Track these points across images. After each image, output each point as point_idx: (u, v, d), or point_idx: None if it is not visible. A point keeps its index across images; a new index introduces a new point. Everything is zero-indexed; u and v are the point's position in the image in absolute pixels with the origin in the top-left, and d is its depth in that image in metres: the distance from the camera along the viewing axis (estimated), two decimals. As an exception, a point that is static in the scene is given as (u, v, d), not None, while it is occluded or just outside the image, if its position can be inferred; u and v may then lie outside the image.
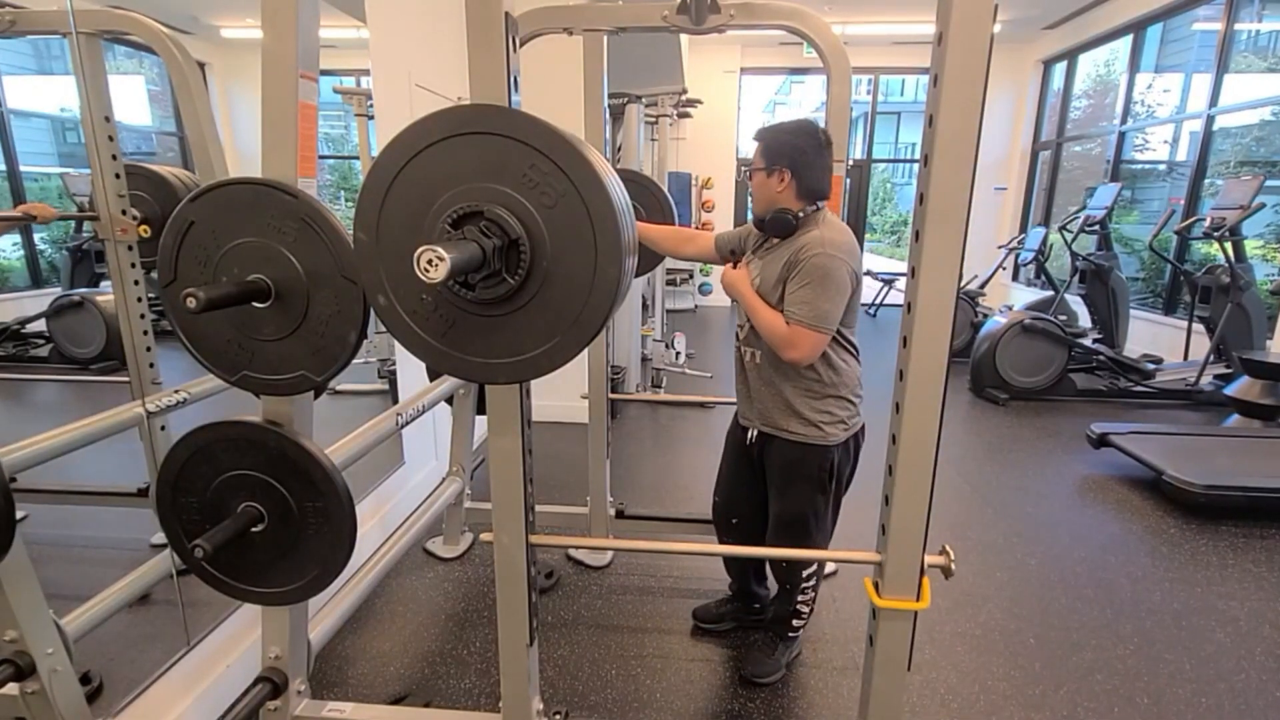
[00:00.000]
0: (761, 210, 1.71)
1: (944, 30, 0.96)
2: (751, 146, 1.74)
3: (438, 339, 0.96)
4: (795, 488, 1.78)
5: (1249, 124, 5.95)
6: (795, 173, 1.64)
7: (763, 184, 1.68)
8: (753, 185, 1.73)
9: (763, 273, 1.71)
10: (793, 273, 1.61)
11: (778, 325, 1.61)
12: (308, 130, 1.17)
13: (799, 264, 1.60)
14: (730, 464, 1.98)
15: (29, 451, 1.37)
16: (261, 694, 1.38)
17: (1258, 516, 2.98)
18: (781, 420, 1.75)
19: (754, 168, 1.70)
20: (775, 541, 1.84)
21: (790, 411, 1.73)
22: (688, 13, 1.76)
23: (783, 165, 1.64)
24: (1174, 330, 5.60)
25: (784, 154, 1.64)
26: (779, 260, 1.67)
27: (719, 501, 2.04)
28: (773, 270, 1.67)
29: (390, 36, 2.59)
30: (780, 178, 1.65)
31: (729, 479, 1.99)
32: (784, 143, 1.65)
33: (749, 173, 1.74)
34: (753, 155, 1.72)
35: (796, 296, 1.59)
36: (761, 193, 1.70)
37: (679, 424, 4.32)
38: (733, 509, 2.00)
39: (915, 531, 1.17)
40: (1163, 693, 1.92)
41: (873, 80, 9.13)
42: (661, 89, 4.86)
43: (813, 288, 1.57)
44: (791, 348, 1.60)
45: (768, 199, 1.69)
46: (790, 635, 1.97)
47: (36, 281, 2.01)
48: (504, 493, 1.27)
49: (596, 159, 0.88)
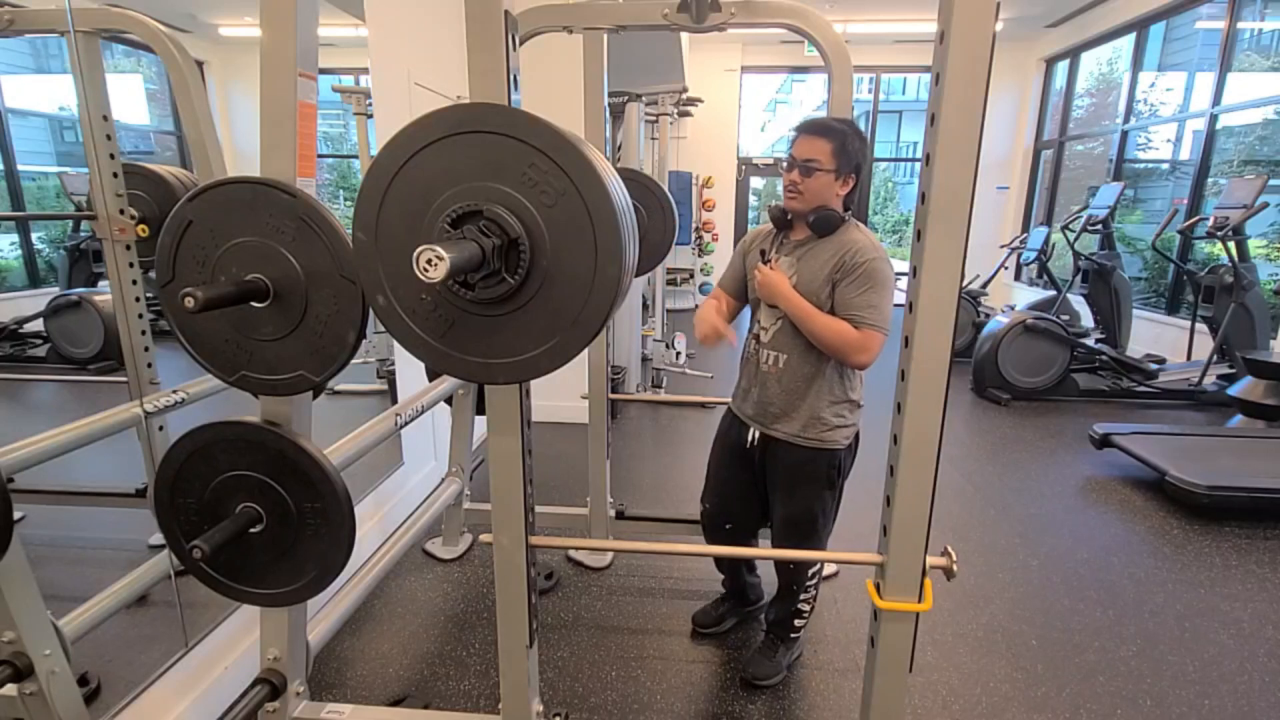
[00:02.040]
0: (805, 207, 1.68)
1: (946, 29, 0.95)
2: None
3: (437, 339, 0.95)
4: (805, 489, 1.77)
5: (1252, 123, 5.94)
6: (858, 181, 1.67)
7: (828, 185, 1.65)
8: (807, 182, 1.65)
9: (800, 272, 1.68)
10: (848, 276, 1.61)
11: (846, 332, 1.60)
12: (307, 129, 1.16)
13: (856, 267, 1.60)
14: (724, 468, 1.94)
15: (27, 452, 1.37)
16: (260, 695, 1.38)
17: (1261, 517, 2.97)
18: (797, 425, 1.74)
19: (819, 167, 1.63)
20: (782, 542, 1.83)
21: (810, 416, 1.72)
22: (688, 11, 1.76)
23: (851, 171, 1.65)
24: (1177, 330, 5.58)
25: (855, 161, 1.65)
26: (821, 260, 1.65)
27: (710, 508, 2.00)
28: (815, 271, 1.66)
29: (389, 35, 2.58)
30: (846, 182, 1.66)
31: (722, 483, 1.96)
32: (856, 150, 1.65)
33: (806, 170, 1.65)
34: (807, 149, 1.65)
35: (864, 300, 1.59)
36: (823, 192, 1.66)
37: (679, 424, 4.31)
38: (726, 514, 1.97)
39: (917, 533, 1.16)
40: (1165, 694, 1.91)
41: (874, 79, 9.12)
42: (662, 87, 4.85)
43: (877, 291, 1.59)
44: (864, 352, 1.61)
45: (823, 198, 1.67)
46: (792, 636, 1.96)
47: (34, 281, 2.01)
48: (503, 494, 1.26)
49: (597, 158, 0.87)
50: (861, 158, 1.66)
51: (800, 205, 1.69)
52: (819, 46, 1.91)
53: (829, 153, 1.63)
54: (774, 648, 1.97)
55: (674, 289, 8.74)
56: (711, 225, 9.07)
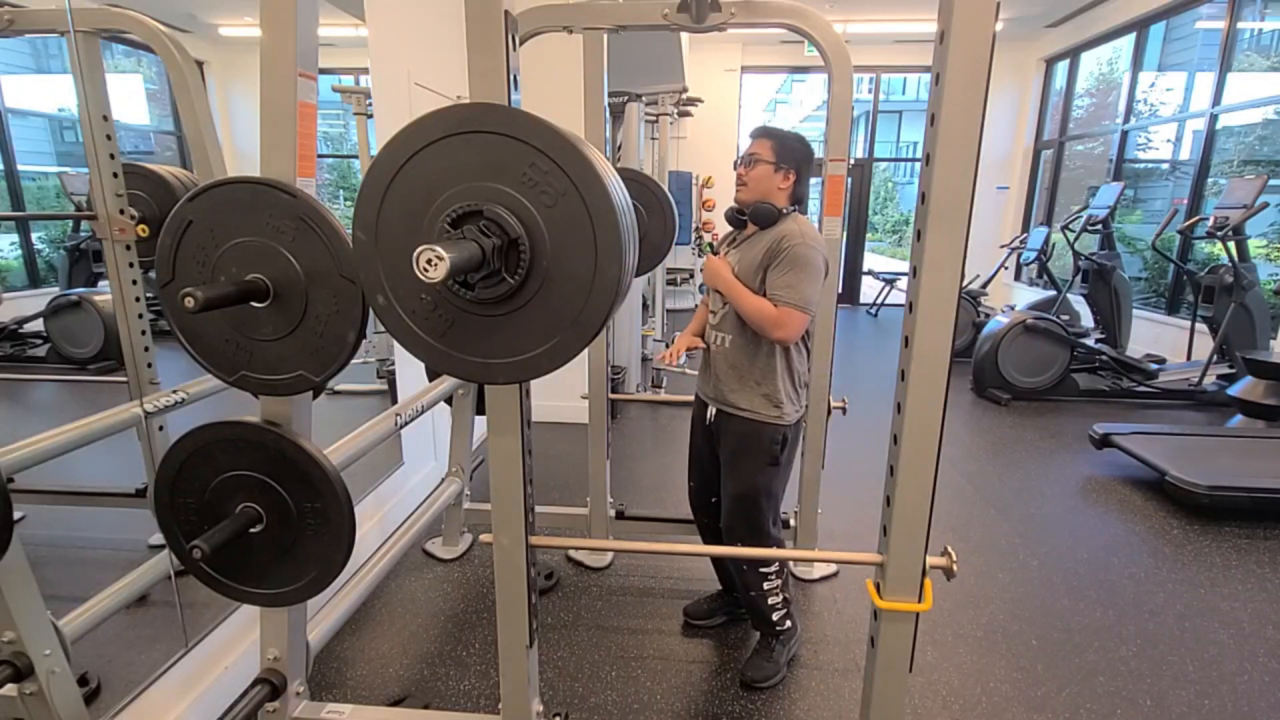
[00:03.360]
0: (750, 199, 1.83)
1: (946, 29, 0.96)
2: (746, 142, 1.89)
3: (437, 339, 0.95)
4: (746, 462, 1.86)
5: (1252, 123, 5.94)
6: (798, 176, 1.83)
7: (768, 176, 1.81)
8: (751, 174, 1.82)
9: (740, 260, 1.83)
10: (775, 260, 1.74)
11: (765, 308, 1.74)
12: (307, 129, 1.16)
13: (781, 253, 1.74)
14: (698, 447, 2.06)
15: (27, 452, 1.37)
16: (260, 695, 1.38)
17: (1261, 517, 2.97)
18: (741, 400, 1.85)
19: (760, 159, 1.80)
20: (730, 520, 1.91)
21: (751, 391, 1.83)
22: (688, 11, 1.76)
23: (790, 166, 1.82)
24: (1177, 330, 5.58)
25: (794, 157, 1.82)
26: (756, 249, 1.79)
27: (695, 486, 2.10)
28: (751, 258, 1.80)
29: (389, 35, 2.58)
30: (785, 176, 1.82)
31: (696, 461, 2.07)
32: (794, 148, 1.82)
33: (748, 162, 1.82)
34: (752, 147, 1.83)
35: (782, 281, 1.73)
36: (763, 184, 1.82)
37: (679, 424, 4.31)
38: (710, 488, 2.05)
39: (917, 533, 1.16)
40: (1165, 694, 1.91)
41: (874, 79, 9.12)
42: (662, 87, 4.86)
43: (796, 273, 1.72)
44: (779, 328, 1.73)
45: (765, 191, 1.83)
46: (779, 630, 1.97)
47: (34, 281, 2.01)
48: (503, 494, 1.26)
49: (597, 158, 0.87)
50: (802, 157, 1.82)
51: (746, 195, 1.84)
52: (819, 46, 1.91)
53: (769, 148, 1.80)
54: (768, 647, 1.98)
55: (674, 289, 8.74)
56: (711, 225, 9.06)
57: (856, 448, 3.71)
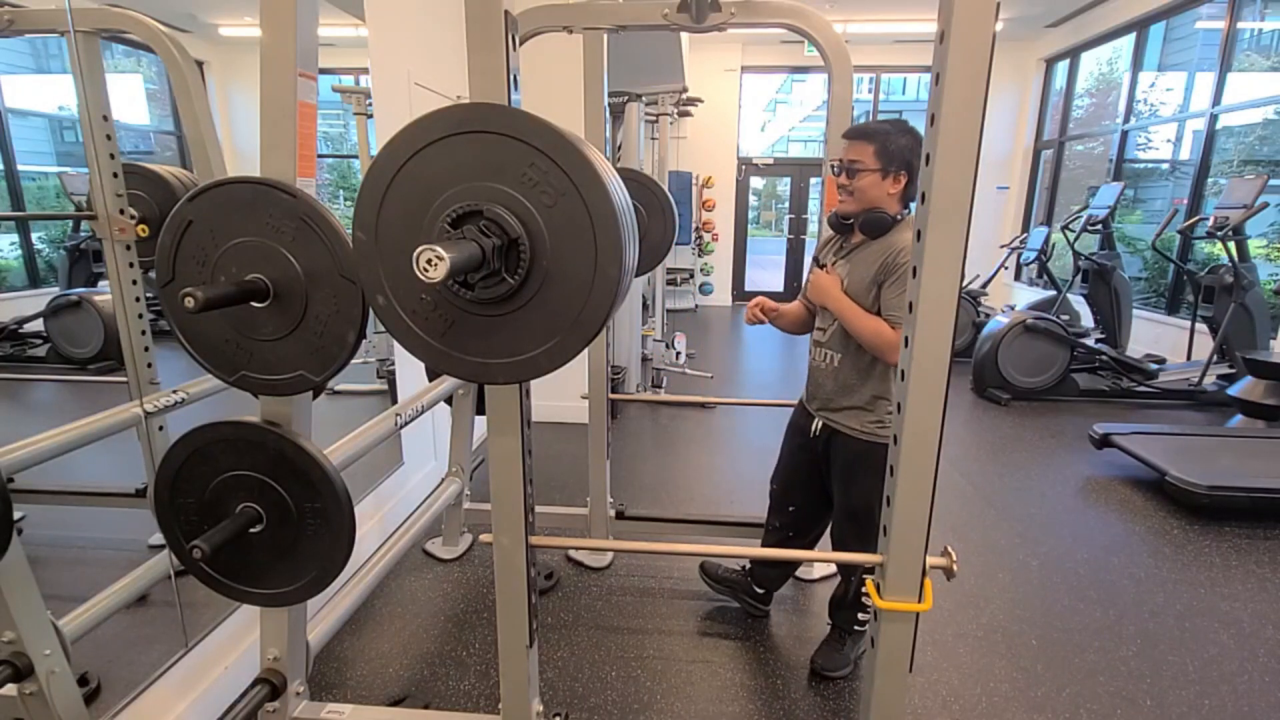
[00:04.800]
0: (857, 210, 1.73)
1: (946, 29, 0.95)
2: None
3: (437, 339, 0.95)
4: (862, 480, 1.82)
5: (1252, 123, 5.94)
6: (910, 177, 1.69)
7: (876, 185, 1.69)
8: (857, 185, 1.70)
9: (850, 275, 1.75)
10: (890, 277, 1.65)
11: (884, 332, 1.66)
12: (307, 129, 1.16)
13: (897, 268, 1.63)
14: (792, 454, 2.04)
15: (26, 452, 1.37)
16: (260, 695, 1.38)
17: (1261, 517, 2.97)
18: (853, 420, 1.81)
19: (864, 167, 1.68)
20: (842, 530, 1.91)
21: (864, 411, 1.80)
22: (688, 11, 1.76)
23: (900, 168, 1.68)
24: (1177, 330, 5.58)
25: (902, 158, 1.67)
26: (869, 262, 1.70)
27: (777, 489, 2.11)
28: (863, 272, 1.71)
29: (389, 35, 2.58)
30: (896, 180, 1.69)
31: (789, 468, 2.06)
32: (902, 146, 1.67)
33: (850, 171, 1.70)
34: (851, 153, 1.70)
35: (899, 301, 1.61)
36: (871, 193, 1.70)
37: (679, 424, 4.31)
38: (791, 497, 2.06)
39: (917, 532, 1.16)
40: (1165, 694, 1.91)
41: (874, 79, 9.12)
42: (662, 87, 4.86)
43: None
44: (897, 350, 1.66)
45: (874, 199, 1.70)
46: (856, 629, 2.00)
47: (34, 281, 2.01)
48: (503, 494, 1.26)
49: (597, 158, 0.87)
50: (912, 154, 1.66)
51: (852, 206, 1.74)
52: (819, 46, 1.91)
53: (871, 153, 1.67)
54: (841, 640, 2.02)
55: (674, 289, 8.74)
56: (711, 225, 9.07)
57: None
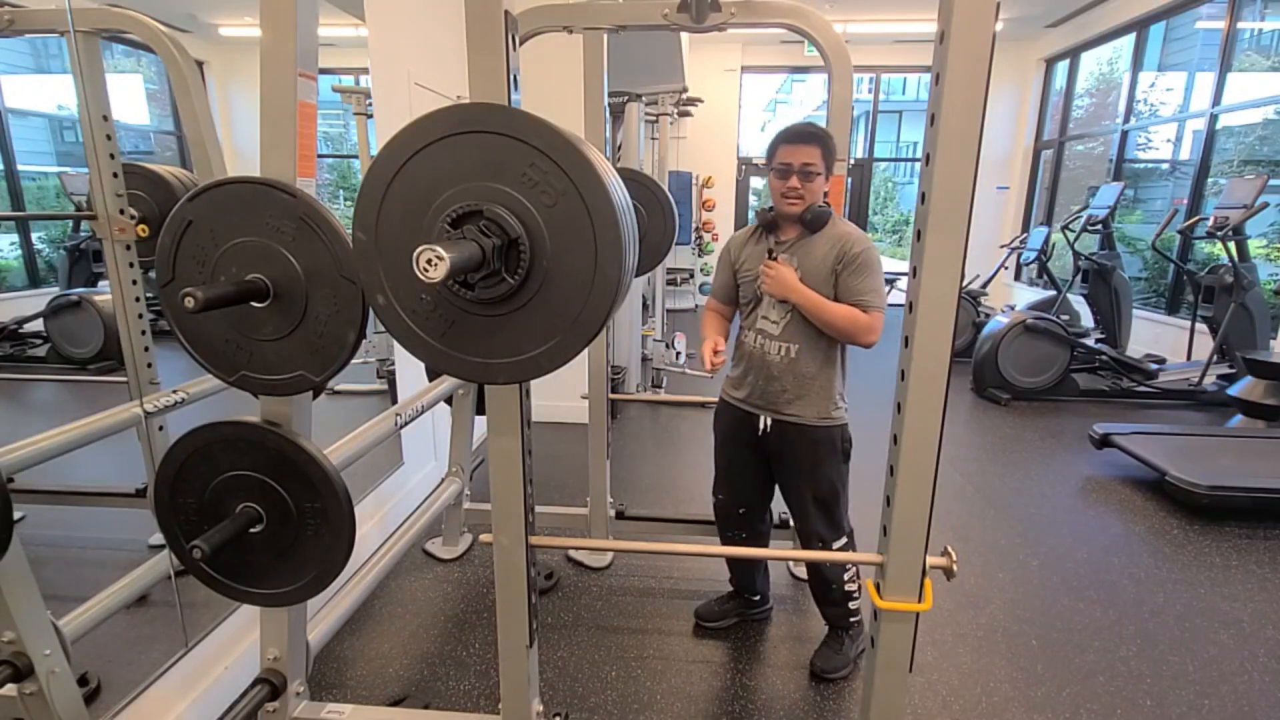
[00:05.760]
0: (803, 209, 1.78)
1: (946, 29, 0.96)
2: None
3: (437, 339, 0.95)
4: (826, 465, 1.86)
5: (1252, 123, 5.94)
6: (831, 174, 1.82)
7: (821, 185, 1.78)
8: (810, 187, 1.75)
9: (804, 266, 1.79)
10: (849, 266, 1.74)
11: (858, 317, 1.73)
12: (307, 129, 1.16)
13: (855, 257, 1.73)
14: (735, 457, 2.01)
15: (26, 452, 1.37)
16: (260, 695, 1.38)
17: (1261, 517, 2.97)
18: (809, 408, 1.83)
19: (816, 170, 1.74)
20: (811, 519, 1.90)
21: (819, 397, 1.83)
22: (688, 10, 1.76)
23: (831, 168, 1.80)
24: (1177, 330, 5.58)
25: (833, 158, 1.80)
26: (820, 254, 1.77)
27: (724, 498, 2.07)
28: (816, 264, 1.77)
29: (389, 35, 2.58)
30: (828, 180, 1.80)
31: (735, 472, 2.03)
32: (833, 148, 1.79)
33: (805, 173, 1.74)
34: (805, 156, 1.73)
35: (867, 285, 1.73)
36: (818, 193, 1.78)
37: (679, 424, 4.31)
38: (740, 500, 2.04)
39: (917, 532, 1.16)
40: (1165, 694, 1.91)
41: (874, 79, 9.12)
42: (662, 87, 4.85)
43: (876, 276, 1.74)
44: (873, 332, 1.74)
45: (816, 198, 1.79)
46: (852, 621, 2.00)
47: (34, 281, 2.01)
48: (503, 494, 1.26)
49: (597, 158, 0.87)
50: (836, 155, 1.82)
51: (800, 207, 1.78)
52: (819, 46, 1.91)
53: (819, 156, 1.75)
54: (839, 640, 2.01)
55: (674, 289, 8.74)
56: (711, 225, 9.06)
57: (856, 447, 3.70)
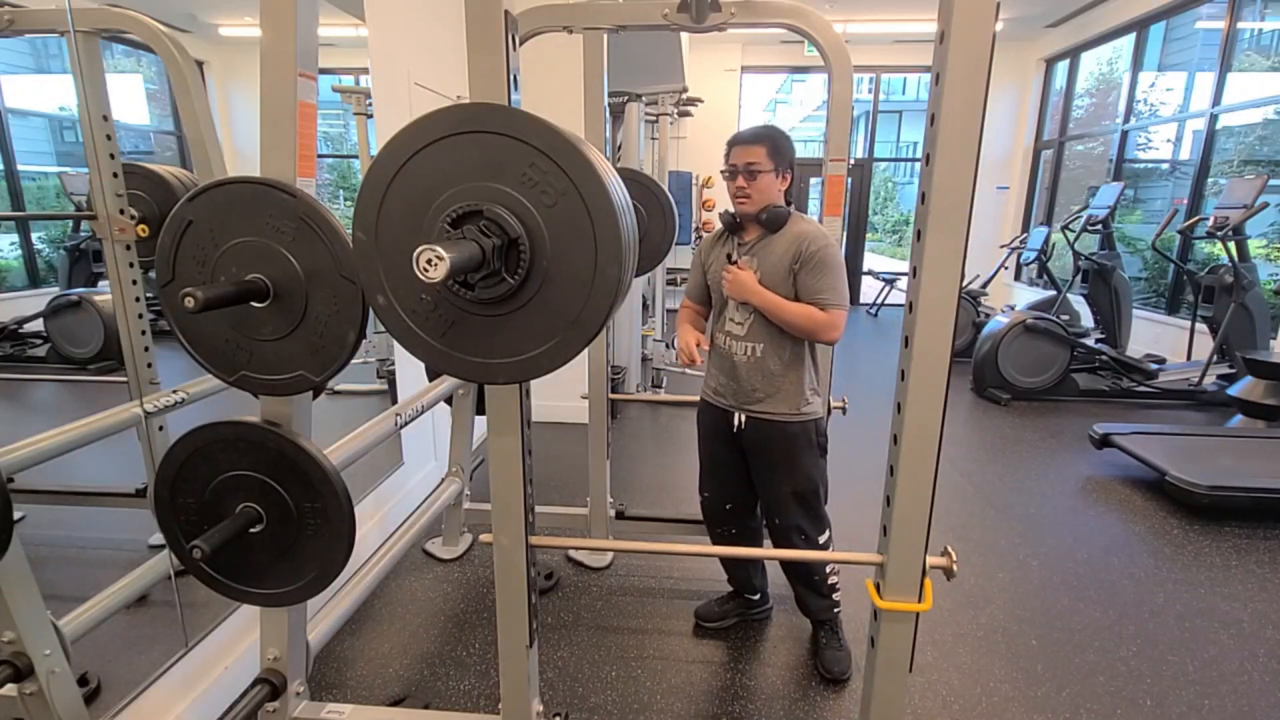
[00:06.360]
0: (755, 208, 1.82)
1: (946, 29, 0.95)
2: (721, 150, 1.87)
3: (437, 339, 0.95)
4: (803, 459, 1.88)
5: (1252, 123, 5.93)
6: (792, 175, 1.84)
7: (772, 183, 1.81)
8: (756, 186, 1.79)
9: (763, 268, 1.81)
10: (806, 265, 1.75)
11: (816, 315, 1.75)
12: (307, 129, 1.16)
13: (812, 256, 1.74)
14: (715, 453, 2.03)
15: (26, 452, 1.37)
16: (260, 695, 1.38)
17: (1261, 517, 2.97)
18: (779, 404, 1.85)
19: (761, 168, 1.78)
20: (792, 516, 1.91)
21: (789, 393, 1.85)
22: (688, 11, 1.76)
23: (785, 166, 1.82)
24: (1177, 330, 5.58)
25: (787, 158, 1.82)
26: (778, 254, 1.79)
27: (710, 495, 2.08)
28: (774, 264, 1.79)
29: (389, 35, 2.58)
30: (784, 178, 1.83)
31: (718, 469, 2.04)
32: (786, 148, 1.81)
33: (746, 172, 1.78)
34: (748, 156, 1.78)
35: (825, 284, 1.74)
36: (769, 192, 1.81)
37: (679, 424, 4.31)
38: (726, 496, 2.05)
39: (917, 532, 1.16)
40: (1165, 694, 1.91)
41: (874, 79, 9.11)
42: (662, 87, 4.85)
43: (834, 273, 1.75)
44: (833, 329, 1.76)
45: (771, 197, 1.82)
46: (836, 613, 2.03)
47: (34, 281, 2.01)
48: (503, 494, 1.26)
49: (597, 158, 0.87)
50: (792, 154, 1.83)
51: (750, 207, 1.82)
52: (819, 46, 1.91)
53: (764, 154, 1.78)
54: (834, 634, 2.03)
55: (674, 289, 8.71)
56: (711, 225, 9.05)
57: (856, 447, 3.70)
